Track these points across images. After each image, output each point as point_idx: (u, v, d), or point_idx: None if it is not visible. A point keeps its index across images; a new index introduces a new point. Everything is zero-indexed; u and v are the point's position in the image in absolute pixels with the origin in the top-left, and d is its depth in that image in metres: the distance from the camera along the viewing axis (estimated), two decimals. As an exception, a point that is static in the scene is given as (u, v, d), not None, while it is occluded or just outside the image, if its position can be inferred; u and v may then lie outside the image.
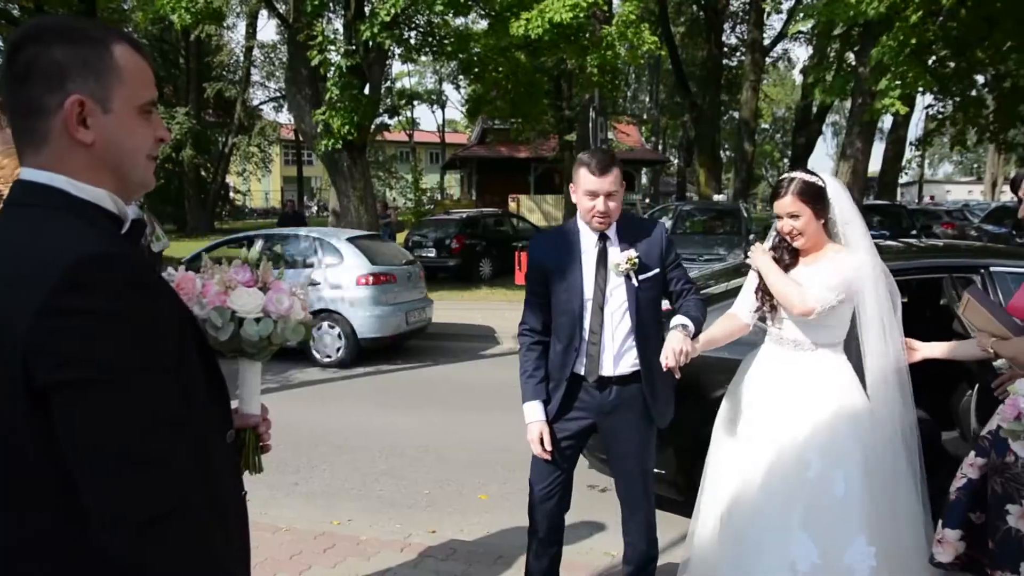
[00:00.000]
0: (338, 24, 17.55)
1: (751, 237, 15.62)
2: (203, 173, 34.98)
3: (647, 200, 36.66)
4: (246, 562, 1.48)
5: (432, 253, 16.71)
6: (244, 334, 1.60)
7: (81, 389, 1.08)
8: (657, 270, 3.05)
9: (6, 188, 1.90)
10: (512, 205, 29.18)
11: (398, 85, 40.27)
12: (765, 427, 2.97)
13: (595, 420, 3.05)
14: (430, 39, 15.60)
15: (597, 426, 3.08)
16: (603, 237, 3.02)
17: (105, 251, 1.14)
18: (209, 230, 31.66)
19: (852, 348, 3.03)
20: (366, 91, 14.93)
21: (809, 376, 2.95)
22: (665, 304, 3.11)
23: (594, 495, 4.77)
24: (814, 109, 26.62)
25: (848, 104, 18.67)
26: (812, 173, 2.96)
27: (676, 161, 47.53)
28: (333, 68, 14.39)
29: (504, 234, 18.78)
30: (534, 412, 3.02)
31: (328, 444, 6.07)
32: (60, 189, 1.21)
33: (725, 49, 32.58)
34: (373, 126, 16.09)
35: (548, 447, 2.98)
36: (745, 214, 16.66)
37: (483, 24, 16.37)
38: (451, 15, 14.90)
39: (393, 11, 13.17)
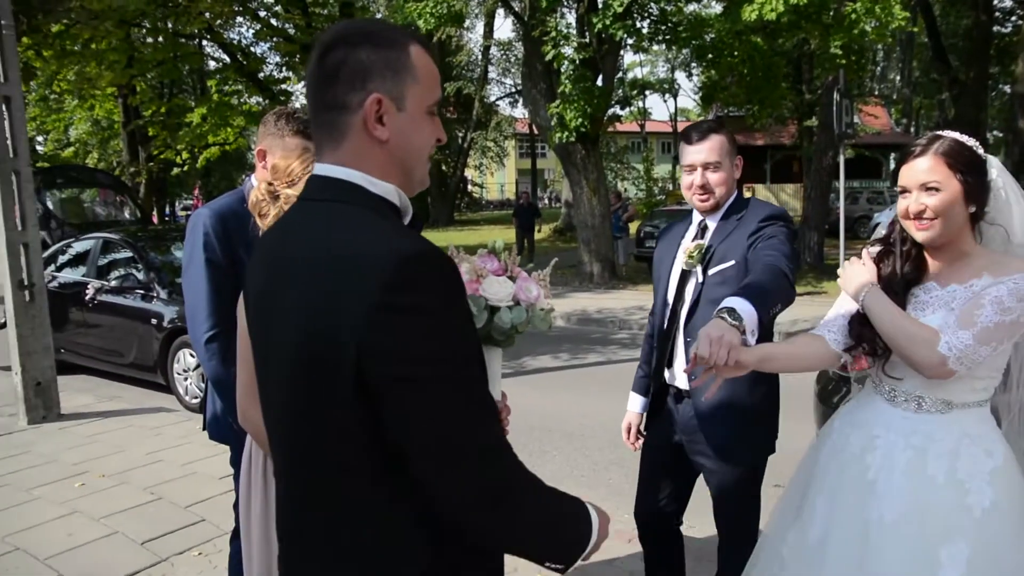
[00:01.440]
0: (571, 18, 17.89)
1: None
2: (444, 168, 37.17)
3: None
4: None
5: (662, 244, 16.54)
6: (498, 321, 1.64)
7: (421, 386, 1.14)
8: (733, 262, 2.53)
9: (282, 188, 2.13)
10: (747, 194, 28.12)
11: (630, 75, 40.14)
12: (863, 542, 1.97)
13: (681, 437, 2.75)
14: (663, 27, 15.41)
15: (686, 446, 2.74)
16: (704, 224, 2.69)
17: (427, 248, 1.18)
18: (449, 222, 33.60)
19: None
20: (599, 83, 15.10)
21: (940, 459, 1.95)
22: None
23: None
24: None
25: None
26: (975, 138, 2.04)
27: (933, 143, 43.08)
28: (567, 62, 14.69)
29: (737, 224, 18.18)
30: (631, 403, 3.01)
31: (560, 431, 6.28)
32: (357, 184, 1.27)
33: (997, 14, 29.03)
34: (605, 117, 16.23)
35: (634, 439, 2.95)
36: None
37: (717, 8, 15.92)
38: (684, 1, 14.66)
39: (626, 1, 13.19)
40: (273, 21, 19.97)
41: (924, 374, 1.92)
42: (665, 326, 2.75)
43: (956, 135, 2.00)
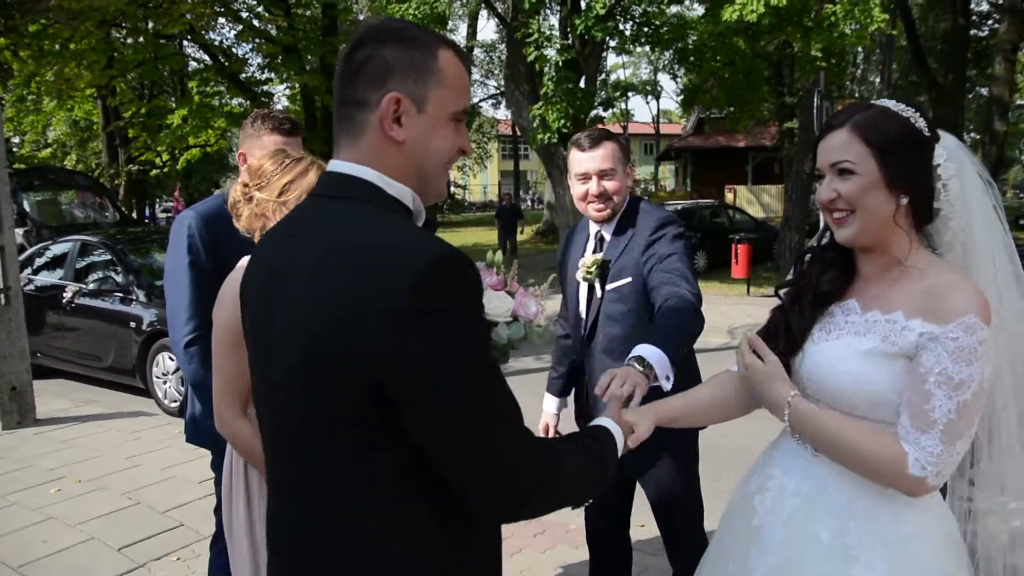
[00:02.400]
0: (554, 20, 17.89)
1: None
2: (427, 169, 37.14)
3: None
4: None
5: (645, 245, 16.64)
6: (495, 337, 1.60)
7: (450, 386, 1.12)
8: (629, 279, 2.54)
9: (254, 190, 2.12)
10: (729, 196, 28.30)
11: (612, 77, 40.28)
12: None
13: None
14: (645, 29, 15.47)
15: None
16: (600, 235, 2.65)
17: (451, 251, 1.15)
18: (432, 223, 33.51)
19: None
20: (581, 85, 15.12)
21: (829, 513, 1.57)
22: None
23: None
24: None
25: None
26: (915, 107, 1.56)
27: (912, 145, 43.52)
28: (549, 63, 14.70)
29: (720, 226, 18.37)
30: (546, 403, 3.05)
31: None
32: (373, 183, 1.25)
33: (974, 17, 29.38)
34: (588, 119, 16.27)
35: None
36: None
37: (700, 11, 15.99)
38: (666, 3, 14.71)
39: (608, 3, 13.22)
40: (255, 22, 19.84)
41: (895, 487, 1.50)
42: (584, 336, 2.74)
43: (888, 102, 1.57)
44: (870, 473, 1.49)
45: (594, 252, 2.67)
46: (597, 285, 2.62)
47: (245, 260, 2.20)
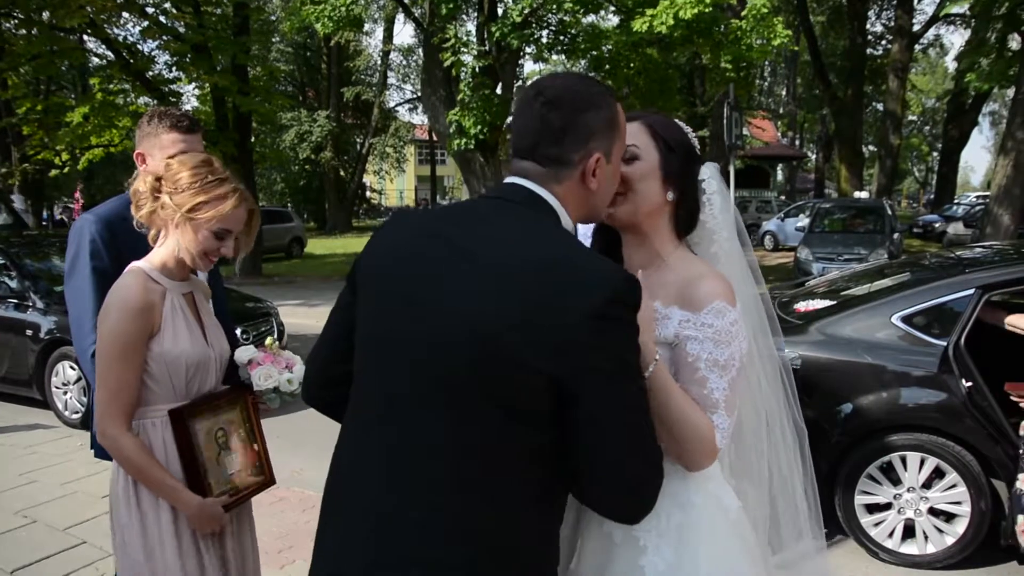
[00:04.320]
0: (471, 26, 17.96)
1: (896, 236, 14.88)
2: (342, 173, 36.59)
3: (783, 197, 35.38)
4: None
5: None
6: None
7: (621, 380, 1.30)
8: None
9: (165, 194, 2.07)
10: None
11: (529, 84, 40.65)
12: None
13: None
14: (561, 38, 15.67)
15: None
16: None
17: (633, 276, 1.34)
18: (347, 227, 33.06)
19: None
20: (498, 91, 15.20)
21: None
22: None
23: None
24: (970, 98, 24.89)
25: (1011, 92, 17.34)
26: (690, 131, 1.77)
27: (814, 157, 45.54)
28: (466, 69, 14.72)
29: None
30: None
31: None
32: (555, 209, 1.42)
33: (869, 37, 30.97)
34: (505, 125, 16.36)
35: None
36: (889, 211, 15.88)
37: (614, 20, 16.30)
38: (581, 13, 14.94)
39: (524, 11, 13.34)
40: (162, 19, 19.14)
41: (691, 469, 1.58)
42: None
43: (675, 120, 1.75)
44: (690, 439, 1.53)
45: None
46: None
47: (135, 266, 2.12)
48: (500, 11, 15.00)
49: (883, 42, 32.19)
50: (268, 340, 2.38)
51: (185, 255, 2.11)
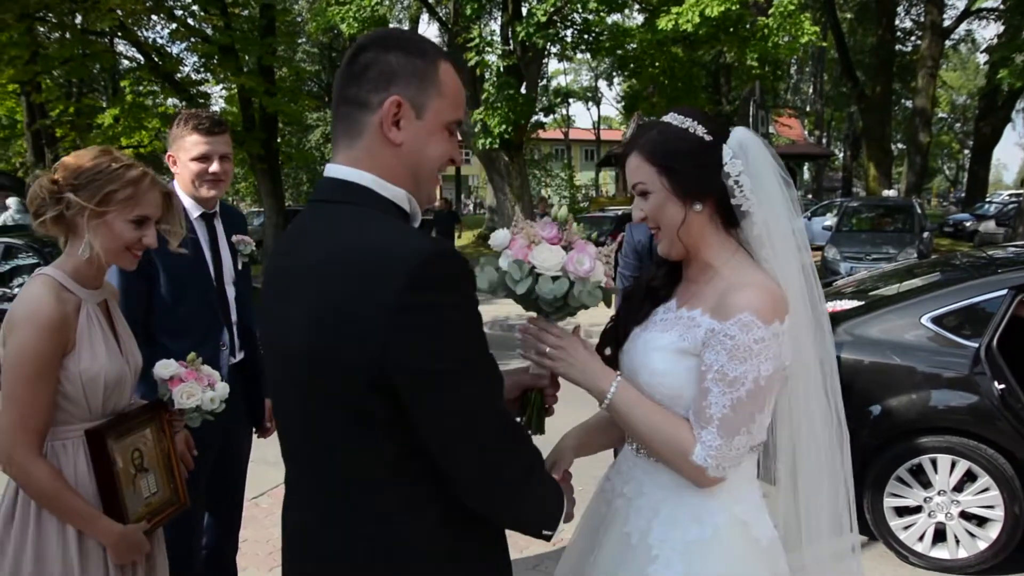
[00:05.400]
0: (495, 26, 17.98)
1: (925, 235, 14.66)
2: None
3: (809, 196, 35.05)
4: None
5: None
6: (539, 290, 1.53)
7: (444, 378, 1.18)
8: None
9: (67, 190, 1.87)
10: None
11: (553, 83, 40.62)
12: None
13: None
14: (586, 36, 15.65)
15: None
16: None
17: (442, 248, 1.21)
18: (455, 215, 33.11)
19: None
20: (523, 90, 15.20)
21: (640, 514, 1.63)
22: None
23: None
24: (1003, 94, 24.48)
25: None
26: (696, 117, 1.61)
27: (841, 155, 45.06)
28: (490, 69, 14.75)
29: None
30: None
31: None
32: (367, 187, 1.29)
33: (898, 33, 30.55)
34: (529, 124, 16.37)
35: None
36: (919, 210, 15.64)
37: (639, 19, 16.24)
38: (606, 12, 14.91)
39: (549, 10, 13.33)
40: (190, 21, 19.38)
41: (698, 485, 1.56)
42: None
43: (670, 117, 1.63)
44: (665, 456, 1.55)
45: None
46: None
47: (44, 274, 1.90)
48: (524, 11, 15.00)
49: (912, 38, 31.74)
50: (190, 355, 2.17)
51: (104, 255, 1.89)
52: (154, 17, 20.01)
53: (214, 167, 2.63)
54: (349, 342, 1.18)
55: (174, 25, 19.11)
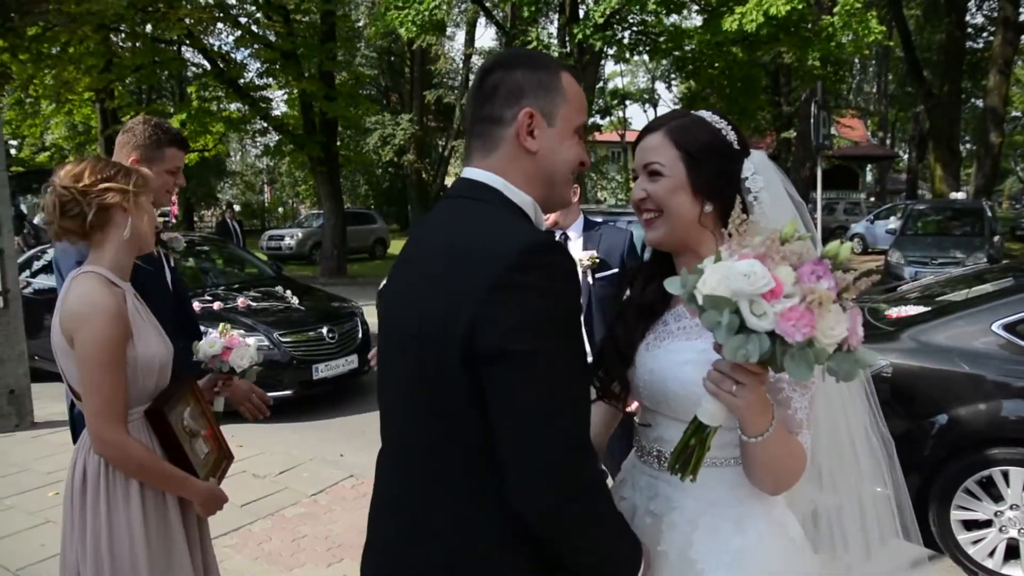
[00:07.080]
0: (553, 28, 17.96)
1: (996, 239, 14.16)
2: (424, 175, 37.11)
3: (872, 199, 34.14)
4: None
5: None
6: (782, 358, 1.17)
7: (517, 359, 1.19)
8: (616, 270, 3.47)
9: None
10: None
11: (610, 85, 40.42)
12: None
13: None
14: (643, 38, 15.54)
15: None
16: (565, 235, 3.57)
17: (550, 240, 1.28)
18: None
19: None
20: (579, 93, 15.17)
21: (673, 530, 1.55)
22: None
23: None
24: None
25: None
26: (729, 123, 1.60)
27: (906, 156, 43.76)
28: (548, 72, 14.75)
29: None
30: None
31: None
32: (496, 188, 1.38)
33: (969, 30, 29.54)
34: (586, 126, 16.34)
35: None
36: (989, 213, 15.09)
37: (697, 20, 16.06)
38: (664, 13, 14.78)
39: (607, 12, 13.28)
40: (254, 28, 19.85)
41: (774, 494, 1.53)
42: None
43: (704, 113, 1.60)
44: (798, 473, 1.47)
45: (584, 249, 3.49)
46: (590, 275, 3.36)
47: (88, 271, 2.03)
48: (582, 12, 14.96)
49: (984, 35, 30.67)
50: (221, 327, 2.54)
51: (147, 225, 2.13)
52: (220, 25, 20.55)
53: (180, 179, 2.73)
54: (451, 315, 1.24)
55: (239, 32, 19.59)
